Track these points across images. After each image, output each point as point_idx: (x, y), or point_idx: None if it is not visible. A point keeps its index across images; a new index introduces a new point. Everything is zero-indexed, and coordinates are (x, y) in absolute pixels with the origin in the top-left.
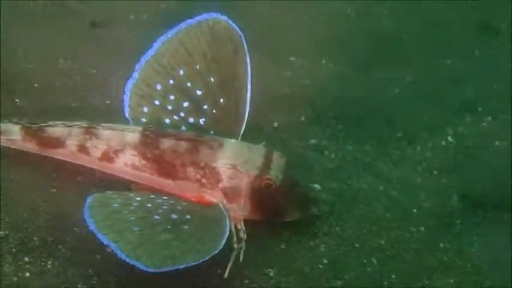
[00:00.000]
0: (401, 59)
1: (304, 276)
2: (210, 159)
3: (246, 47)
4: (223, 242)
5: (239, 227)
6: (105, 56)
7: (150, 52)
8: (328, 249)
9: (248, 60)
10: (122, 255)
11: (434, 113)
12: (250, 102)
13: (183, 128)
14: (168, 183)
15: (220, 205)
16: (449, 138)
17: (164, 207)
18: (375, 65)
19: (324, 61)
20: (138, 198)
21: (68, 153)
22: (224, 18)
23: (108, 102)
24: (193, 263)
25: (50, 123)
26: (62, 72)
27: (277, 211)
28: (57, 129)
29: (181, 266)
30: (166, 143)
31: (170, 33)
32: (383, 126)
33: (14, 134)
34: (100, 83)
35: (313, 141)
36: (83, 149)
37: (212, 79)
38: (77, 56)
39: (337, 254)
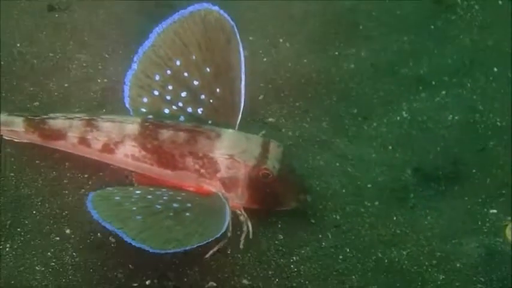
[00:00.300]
0: (358, 36)
1: (261, 253)
2: (208, 149)
3: (238, 36)
4: (226, 224)
5: (238, 212)
6: (63, 39)
7: (147, 43)
8: (284, 226)
9: (241, 49)
10: (127, 239)
11: (390, 88)
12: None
13: (182, 118)
14: (167, 173)
15: (219, 194)
16: (404, 113)
17: (164, 198)
18: (332, 42)
19: (281, 40)
20: (138, 192)
21: (68, 145)
22: (216, 8)
23: (66, 85)
24: (197, 245)
25: (52, 115)
26: (19, 56)
27: (274, 200)
28: (58, 122)
29: (187, 248)
30: (165, 134)
31: (165, 24)
32: (339, 103)
33: (17, 126)
34: (58, 67)
35: (270, 119)
36: (83, 141)
37: (208, 69)
38: (35, 39)
39: (293, 230)
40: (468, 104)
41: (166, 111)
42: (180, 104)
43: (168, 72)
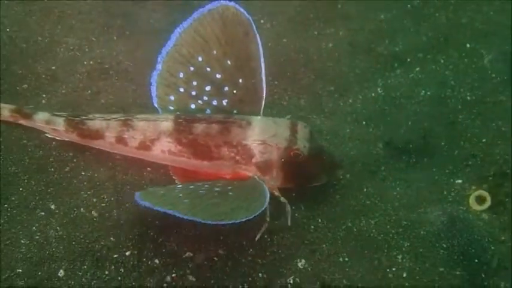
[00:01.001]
0: (337, 16)
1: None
2: (241, 137)
3: (255, 29)
4: (267, 199)
5: (276, 194)
6: (51, 24)
7: (170, 43)
8: None
9: (259, 41)
10: (179, 215)
11: (366, 66)
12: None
13: (208, 111)
14: (204, 164)
15: (255, 177)
16: (379, 90)
17: (206, 186)
18: (312, 23)
19: (262, 21)
20: (179, 186)
21: (106, 144)
22: (232, 4)
23: (53, 67)
24: (245, 219)
25: (90, 116)
26: (9, 40)
27: (307, 178)
28: (96, 122)
29: (236, 221)
30: (199, 128)
31: (185, 24)
32: (317, 81)
33: (58, 125)
34: (46, 50)
35: None
36: (121, 140)
37: (229, 62)
38: (24, 24)
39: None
40: (440, 80)
41: (193, 106)
42: (205, 98)
43: (192, 68)
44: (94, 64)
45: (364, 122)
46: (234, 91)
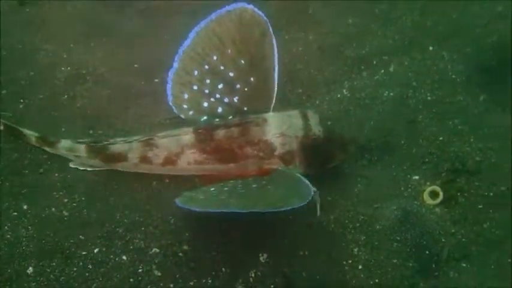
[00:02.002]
0: (308, 20)
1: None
2: (261, 134)
3: (271, 30)
4: (308, 184)
5: None
6: (32, 32)
7: (186, 43)
8: None
9: (274, 42)
10: (235, 210)
11: (334, 68)
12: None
13: (220, 109)
14: (230, 167)
15: (280, 168)
16: (345, 91)
17: (239, 185)
18: (283, 27)
19: None
20: (213, 188)
21: (130, 165)
22: (250, 6)
23: (32, 73)
24: (300, 205)
25: (111, 141)
26: None
27: (327, 159)
28: (118, 146)
29: (295, 206)
30: (220, 133)
31: (203, 24)
32: (287, 83)
33: (80, 152)
34: (26, 57)
35: None
36: (145, 159)
37: (242, 61)
38: (5, 32)
39: None
40: (403, 81)
41: (205, 104)
42: (218, 96)
43: (206, 67)
44: (71, 70)
45: (329, 122)
46: (246, 89)
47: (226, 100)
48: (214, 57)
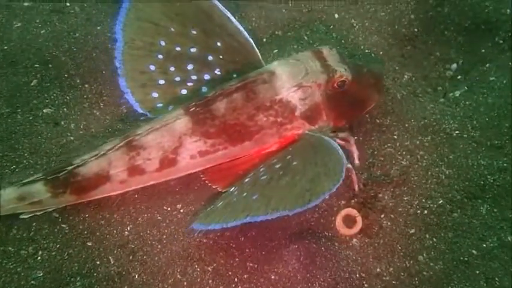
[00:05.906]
0: None
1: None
2: (273, 93)
3: None
4: (339, 150)
5: (337, 141)
6: None
7: (119, 44)
8: None
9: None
10: (260, 218)
11: None
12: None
13: (204, 88)
14: (246, 146)
15: (307, 132)
16: None
17: (261, 170)
18: None
19: None
20: (232, 189)
21: (115, 185)
22: None
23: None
24: (333, 189)
25: (78, 161)
26: None
27: (360, 103)
28: (92, 165)
29: (325, 195)
30: (221, 106)
31: (121, 17)
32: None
33: (39, 194)
34: None
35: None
36: (134, 169)
37: (194, 32)
38: None
39: None
40: None
41: (184, 91)
42: (194, 77)
43: (160, 56)
44: None
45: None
46: (220, 56)
47: (206, 77)
48: (162, 43)
